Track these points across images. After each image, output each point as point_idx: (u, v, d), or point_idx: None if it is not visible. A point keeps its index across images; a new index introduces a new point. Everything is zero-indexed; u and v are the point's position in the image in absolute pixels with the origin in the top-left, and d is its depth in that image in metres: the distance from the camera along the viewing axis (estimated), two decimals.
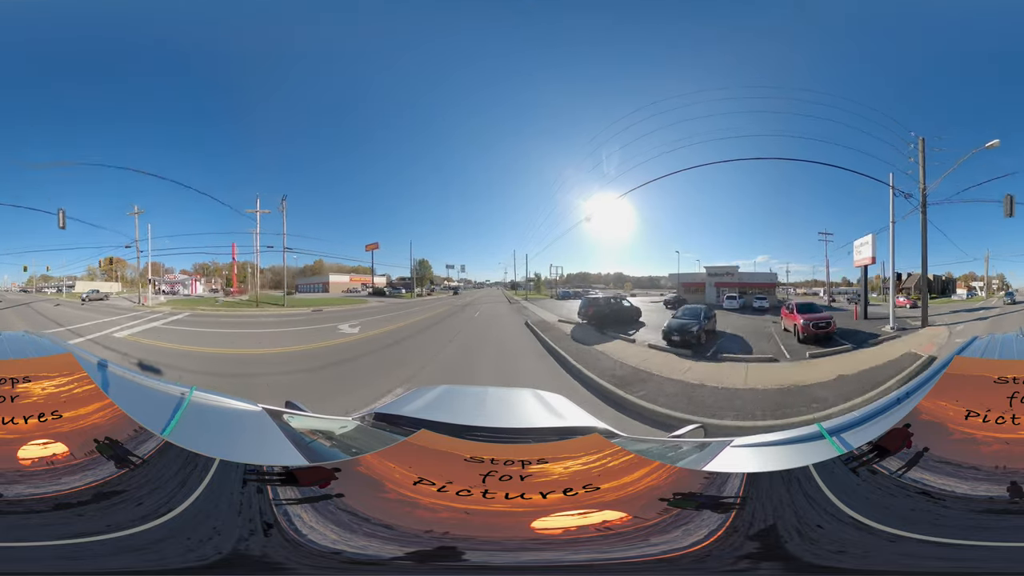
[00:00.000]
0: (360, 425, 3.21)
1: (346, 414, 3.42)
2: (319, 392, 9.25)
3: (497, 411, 3.62)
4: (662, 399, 8.58)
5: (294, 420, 3.05)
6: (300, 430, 2.93)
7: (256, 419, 2.93)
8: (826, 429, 2.72)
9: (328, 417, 3.34)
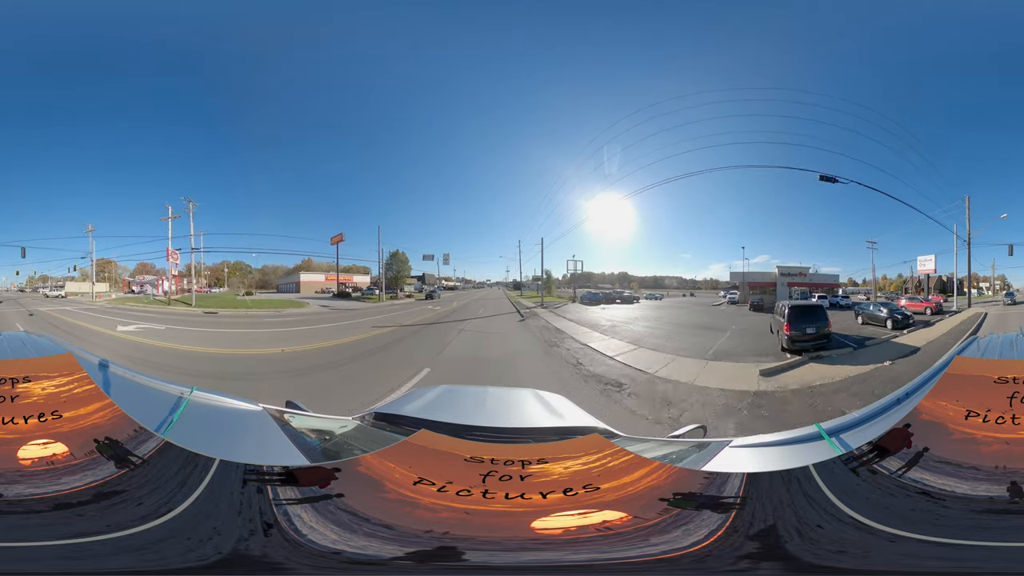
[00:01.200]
0: (360, 425, 3.21)
1: (346, 414, 3.42)
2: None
3: (497, 411, 3.62)
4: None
5: (294, 420, 3.05)
6: (300, 429, 2.93)
7: (256, 419, 2.93)
8: (825, 430, 2.72)
9: (328, 417, 3.34)
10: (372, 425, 3.21)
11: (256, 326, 16.27)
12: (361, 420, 3.28)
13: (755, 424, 7.97)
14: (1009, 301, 17.50)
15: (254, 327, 16.11)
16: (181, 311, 18.00)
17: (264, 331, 15.69)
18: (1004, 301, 17.51)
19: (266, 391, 8.69)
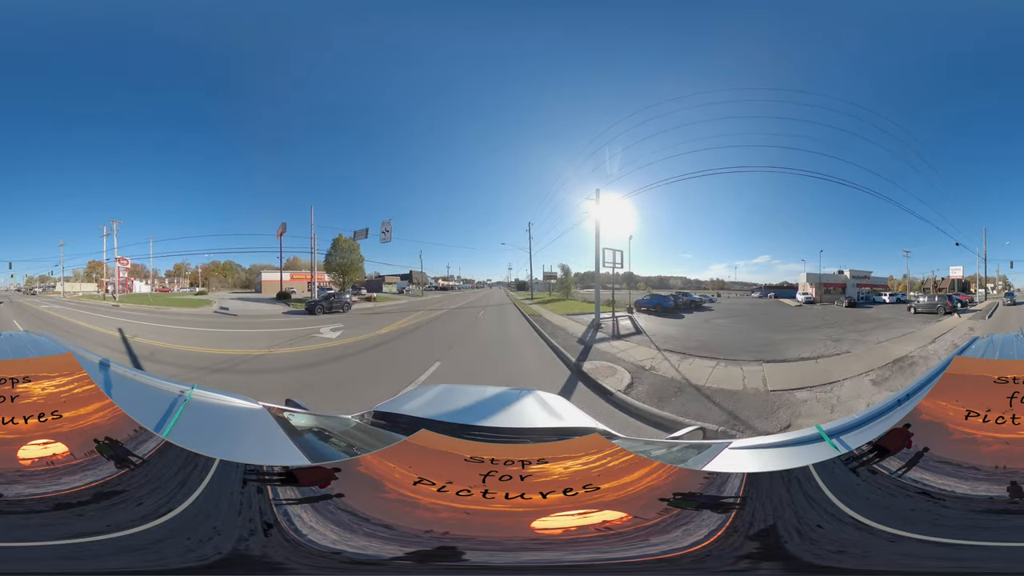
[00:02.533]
0: (360, 423, 3.21)
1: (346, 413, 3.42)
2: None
3: (497, 411, 3.62)
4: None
5: (294, 418, 3.05)
6: (300, 428, 2.93)
7: (257, 417, 2.93)
8: (825, 431, 2.72)
9: (328, 415, 3.34)
10: (372, 423, 3.21)
11: (121, 316, 18.54)
12: (361, 418, 3.28)
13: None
14: (1009, 301, 18.61)
15: (120, 316, 18.44)
16: (100, 303, 21.21)
17: (108, 317, 18.19)
18: (1004, 301, 18.56)
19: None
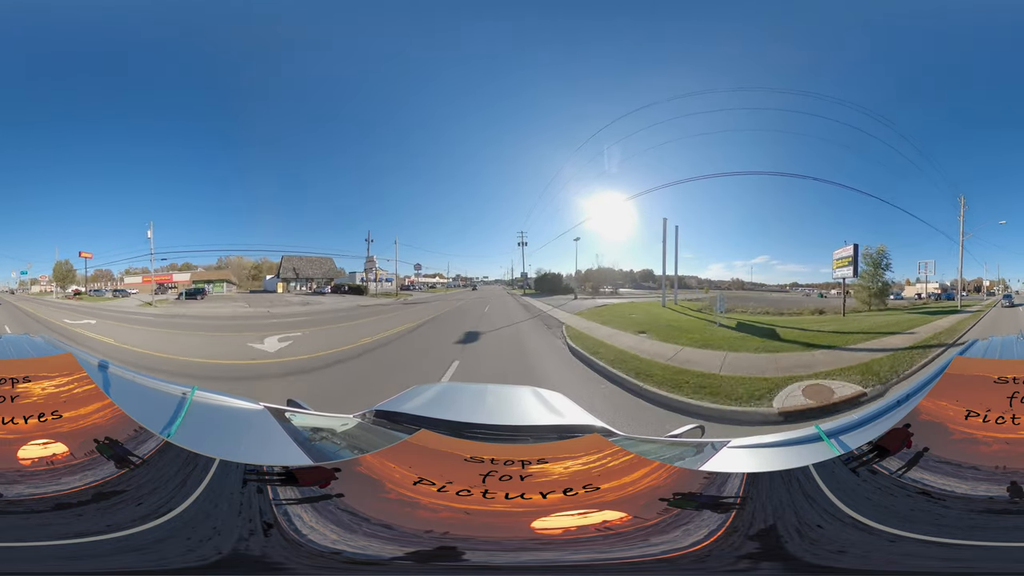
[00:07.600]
0: (361, 423, 3.21)
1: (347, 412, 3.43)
2: None
3: (496, 408, 3.62)
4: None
5: (295, 418, 3.06)
6: (301, 428, 2.93)
7: (257, 417, 2.93)
8: (825, 432, 2.72)
9: (329, 415, 3.34)
10: (372, 423, 3.21)
11: (45, 306, 19.52)
12: (362, 418, 3.29)
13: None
14: (1007, 303, 18.03)
15: (44, 306, 19.43)
16: (53, 299, 21.72)
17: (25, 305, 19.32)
18: (1002, 303, 18.03)
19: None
